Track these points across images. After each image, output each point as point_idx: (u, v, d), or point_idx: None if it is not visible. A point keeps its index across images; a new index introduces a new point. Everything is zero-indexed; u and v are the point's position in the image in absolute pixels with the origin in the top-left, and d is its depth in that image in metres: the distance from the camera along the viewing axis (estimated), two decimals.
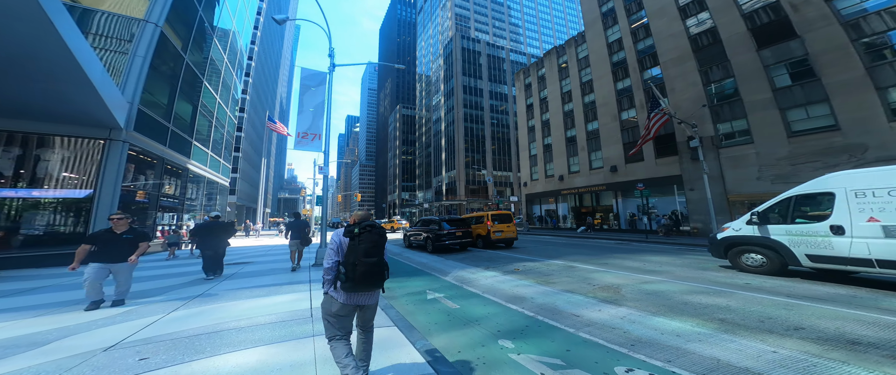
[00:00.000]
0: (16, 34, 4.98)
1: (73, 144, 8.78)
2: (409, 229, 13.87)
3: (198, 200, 16.62)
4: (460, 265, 8.07)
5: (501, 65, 60.08)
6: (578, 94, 23.58)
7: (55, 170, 8.53)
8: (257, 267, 7.77)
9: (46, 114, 7.77)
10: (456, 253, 10.62)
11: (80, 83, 6.47)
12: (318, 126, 9.08)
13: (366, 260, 1.92)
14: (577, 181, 22.65)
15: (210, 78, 16.06)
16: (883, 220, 4.29)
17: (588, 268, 7.05)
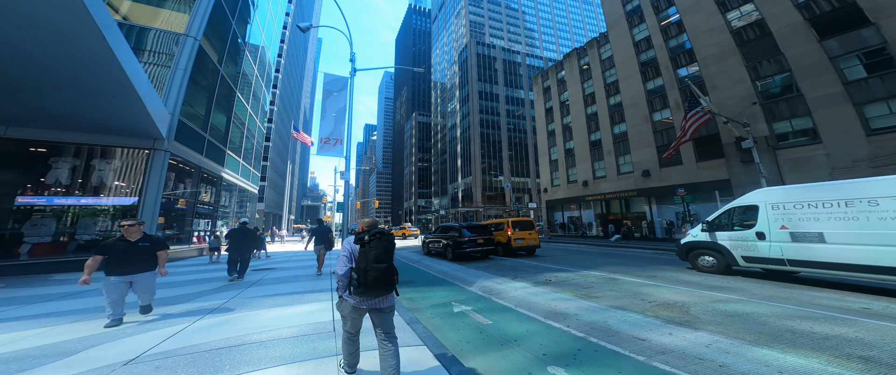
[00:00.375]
0: (72, 51, 5.31)
1: (122, 155, 9.38)
2: (427, 236, 13.60)
3: (230, 207, 17.40)
4: (484, 274, 7.65)
5: (517, 70, 59.51)
6: (603, 96, 22.61)
7: (107, 179, 9.12)
8: (281, 273, 7.77)
9: (97, 126, 8.35)
10: (477, 262, 10.21)
11: (128, 96, 6.86)
12: (340, 131, 9.12)
13: (376, 266, 2.01)
14: (604, 186, 21.48)
15: (242, 89, 16.95)
16: (790, 228, 5.55)
17: (633, 281, 6.35)
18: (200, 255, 12.91)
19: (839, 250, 5.00)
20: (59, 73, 5.87)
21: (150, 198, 9.23)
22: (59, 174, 8.57)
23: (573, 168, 24.53)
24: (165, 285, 6.26)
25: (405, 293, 5.81)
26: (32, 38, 4.85)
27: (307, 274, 7.50)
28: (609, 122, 21.77)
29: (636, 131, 19.65)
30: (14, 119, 7.60)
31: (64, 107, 7.04)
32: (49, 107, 6.95)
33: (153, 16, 10.61)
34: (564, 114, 26.40)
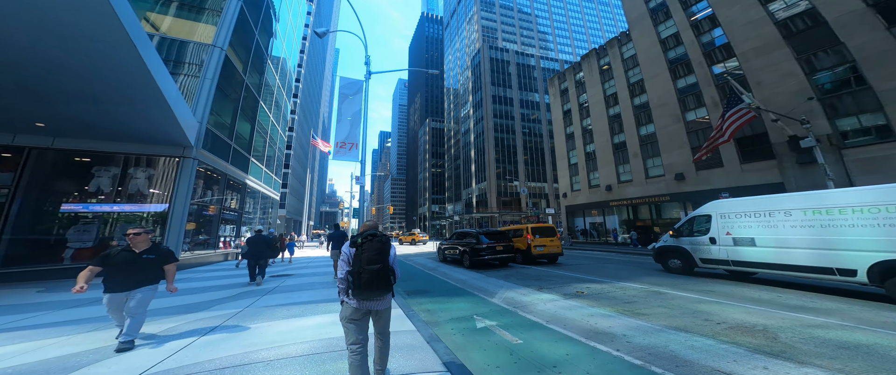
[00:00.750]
0: (107, 62, 5.49)
1: (155, 163, 9.78)
2: (443, 242, 13.24)
3: (254, 213, 17.92)
4: (506, 283, 7.18)
5: (531, 73, 58.72)
6: (626, 97, 21.52)
7: (142, 187, 9.51)
8: (297, 280, 7.67)
9: (132, 136, 8.75)
10: (495, 270, 9.71)
11: (158, 104, 7.09)
12: (355, 135, 9.04)
13: (369, 268, 2.03)
14: (630, 191, 20.21)
15: (265, 98, 17.58)
16: (733, 234, 6.78)
17: (685, 296, 5.59)
18: (226, 260, 13.24)
19: (765, 252, 6.22)
20: (96, 84, 6.12)
21: (179, 205, 9.52)
22: (100, 182, 9.03)
23: (595, 172, 23.38)
24: (187, 292, 6.27)
25: (422, 304, 5.45)
26: (73, 51, 5.05)
27: (323, 280, 7.35)
28: (634, 124, 20.59)
29: (666, 132, 18.40)
30: (61, 130, 8.09)
31: (101, 117, 7.39)
32: (88, 117, 7.32)
33: (183, 28, 11.19)
34: (584, 117, 25.38)
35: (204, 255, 11.58)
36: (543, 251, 10.77)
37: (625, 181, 20.77)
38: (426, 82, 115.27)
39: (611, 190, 21.38)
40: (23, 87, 6.00)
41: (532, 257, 10.79)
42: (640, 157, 19.80)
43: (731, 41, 15.27)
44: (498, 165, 50.09)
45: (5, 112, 6.87)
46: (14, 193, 7.65)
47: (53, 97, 6.44)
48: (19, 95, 6.28)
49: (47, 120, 7.43)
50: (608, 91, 23.33)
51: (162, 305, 5.03)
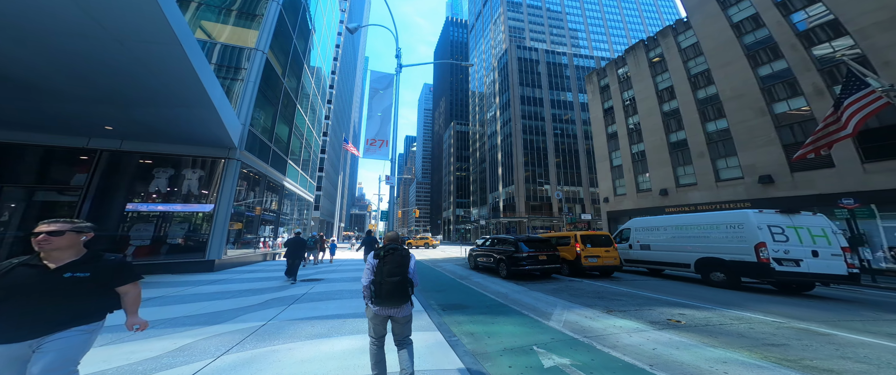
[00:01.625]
0: (161, 65, 5.51)
1: (203, 164, 10.02)
2: (475, 249, 12.26)
3: (291, 215, 18.35)
4: (559, 301, 6.09)
5: (563, 72, 55.91)
6: (687, 90, 18.93)
7: (193, 188, 9.77)
8: (327, 285, 7.24)
9: (183, 138, 9.01)
10: (537, 282, 8.60)
11: (205, 105, 7.13)
12: (386, 131, 8.49)
13: (389, 280, 2.22)
14: (694, 196, 17.57)
15: (302, 102, 18.02)
16: (641, 241, 10.22)
17: (858, 340, 4.01)
18: (265, 260, 13.44)
19: (656, 254, 9.70)
20: (154, 85, 6.18)
21: (223, 205, 9.63)
22: (159, 183, 9.42)
23: (644, 174, 20.86)
24: (219, 296, 5.95)
25: (462, 324, 4.55)
26: (133, 58, 5.12)
27: (351, 288, 6.85)
28: (699, 119, 17.93)
29: (744, 127, 15.63)
30: (127, 133, 8.51)
31: (158, 119, 7.60)
32: (147, 119, 7.56)
33: (225, 33, 11.58)
34: (630, 114, 22.94)
35: (245, 255, 11.73)
36: (597, 262, 9.35)
37: (686, 184, 18.13)
38: (451, 86, 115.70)
39: (667, 194, 18.81)
40: (96, 94, 6.34)
41: (582, 269, 9.44)
42: (707, 157, 17.12)
43: (841, 17, 12.49)
44: (527, 168, 47.93)
45: (81, 118, 7.28)
46: (86, 193, 8.10)
47: (119, 101, 6.68)
48: (94, 102, 6.65)
49: (114, 123, 7.78)
50: (661, 85, 20.80)
51: (185, 312, 4.67)
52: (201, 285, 6.89)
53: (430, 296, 6.55)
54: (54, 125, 7.63)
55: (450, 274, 10.38)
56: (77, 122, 7.53)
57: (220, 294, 5.99)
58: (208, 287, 6.72)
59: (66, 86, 5.94)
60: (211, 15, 11.72)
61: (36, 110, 6.90)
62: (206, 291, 6.22)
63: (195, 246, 9.41)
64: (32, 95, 6.32)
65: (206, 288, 6.47)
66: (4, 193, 7.46)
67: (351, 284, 7.43)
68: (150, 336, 3.62)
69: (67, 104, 6.72)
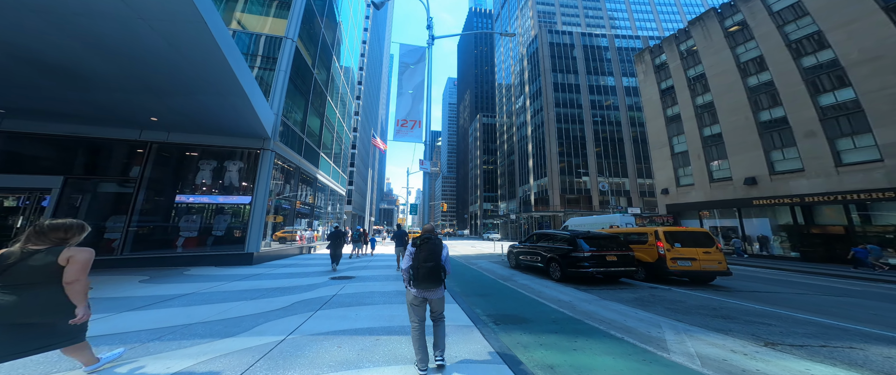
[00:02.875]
0: (189, 49, 5.17)
1: (243, 156, 9.87)
2: (516, 245, 10.90)
3: (325, 208, 18.40)
4: (662, 319, 4.57)
5: (603, 55, 50.96)
6: (786, 58, 15.25)
7: (234, 180, 9.65)
8: (359, 285, 6.49)
9: (221, 129, 8.85)
10: (604, 288, 7.08)
11: (237, 94, 6.74)
12: (418, 111, 7.36)
13: (425, 265, 2.56)
14: (800, 185, 14.08)
15: (332, 93, 17.78)
16: None
17: None
18: (300, 253, 13.37)
19: None
20: (187, 72, 5.86)
21: (260, 197, 9.39)
22: (204, 175, 9.42)
23: (720, 161, 17.47)
24: (244, 296, 5.39)
25: (531, 350, 3.35)
26: (161, 38, 4.82)
27: (384, 289, 5.99)
28: (805, 91, 14.26)
29: (884, 96, 11.85)
30: (173, 125, 8.49)
31: (195, 108, 7.38)
32: (185, 107, 7.41)
33: (256, 22, 11.31)
34: (698, 92, 19.40)
35: (283, 249, 11.60)
36: (690, 266, 7.44)
37: (787, 171, 14.61)
38: (476, 79, 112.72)
39: (755, 183, 15.47)
40: (133, 83, 6.20)
41: (665, 274, 7.58)
42: (821, 137, 13.54)
43: None
44: (561, 159, 44.56)
45: (127, 108, 7.28)
46: (140, 184, 8.21)
47: (156, 89, 6.52)
48: (134, 92, 6.57)
49: (158, 114, 7.70)
50: (744, 56, 17.12)
51: (204, 316, 4.04)
52: (235, 281, 6.49)
53: (474, 303, 5.45)
54: (107, 116, 7.75)
55: (489, 273, 9.19)
56: (125, 113, 7.57)
57: (249, 292, 5.46)
58: (241, 283, 6.27)
59: (103, 69, 5.72)
60: (239, 4, 11.56)
61: (85, 101, 6.95)
62: (237, 288, 5.74)
63: (237, 239, 9.30)
64: (78, 84, 6.27)
65: (238, 285, 6.01)
66: (69, 185, 7.71)
67: (384, 284, 6.61)
68: (149, 353, 2.91)
69: (111, 93, 6.66)
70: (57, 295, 1.91)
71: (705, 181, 17.96)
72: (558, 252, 7.98)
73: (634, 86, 48.79)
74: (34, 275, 1.86)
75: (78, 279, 1.93)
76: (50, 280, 1.90)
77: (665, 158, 21.06)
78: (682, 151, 19.84)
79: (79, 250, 2.00)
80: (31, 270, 1.86)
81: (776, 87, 15.25)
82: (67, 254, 1.94)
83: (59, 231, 2.04)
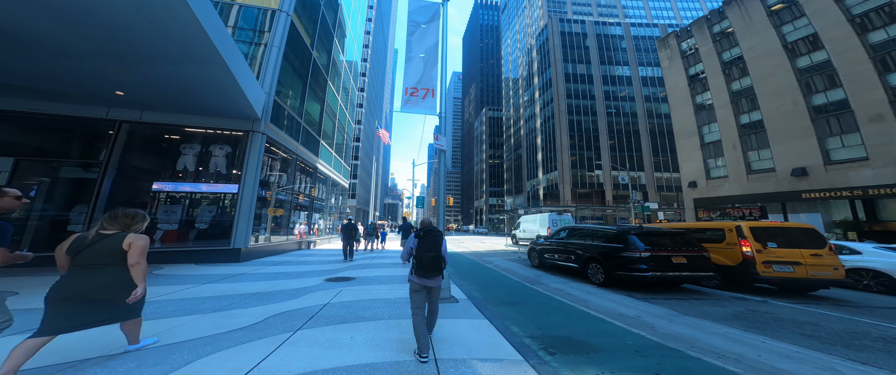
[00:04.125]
0: (153, 14, 4.01)
1: (230, 141, 8.77)
2: (540, 241, 9.65)
3: (326, 201, 17.32)
4: (832, 359, 3.15)
5: (618, 44, 48.62)
6: (847, 33, 13.32)
7: (220, 166, 8.56)
8: (358, 290, 5.33)
9: (202, 108, 7.76)
10: (660, 295, 5.75)
11: (215, 64, 5.68)
12: (431, 78, 6.05)
13: (427, 255, 2.70)
14: (864, 175, 12.31)
15: (333, 79, 16.56)
16: (527, 230, 21.21)
17: None
18: (299, 248, 12.35)
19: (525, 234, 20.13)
20: (152, 35, 4.78)
21: (248, 185, 8.32)
22: (186, 161, 8.37)
23: (760, 150, 15.76)
24: (213, 302, 4.36)
25: None
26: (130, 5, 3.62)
27: (390, 296, 4.86)
28: (874, 71, 12.37)
29: None
30: (145, 102, 7.41)
31: (168, 81, 6.38)
32: (156, 81, 6.32)
33: None
34: (734, 77, 17.57)
35: (277, 243, 10.55)
36: (793, 273, 5.78)
37: (846, 160, 12.85)
38: (481, 72, 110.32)
39: (805, 174, 13.78)
40: (90, 47, 5.06)
41: (749, 280, 6.04)
42: (891, 121, 11.75)
43: None
44: (573, 152, 42.78)
45: (87, 78, 6.17)
46: (105, 169, 7.15)
47: (118, 56, 5.40)
48: (93, 59, 5.44)
49: (124, 87, 6.60)
50: (792, 35, 15.23)
51: (154, 329, 3.06)
52: (208, 283, 5.42)
53: (506, 316, 4.22)
54: (64, 91, 6.68)
55: (510, 274, 7.96)
56: (83, 85, 6.48)
57: (216, 301, 4.34)
58: (213, 286, 5.19)
59: (49, 31, 4.59)
60: None
61: (40, 71, 5.86)
62: (203, 294, 4.63)
63: (222, 232, 8.26)
64: (32, 52, 5.16)
65: (207, 290, 4.91)
66: (22, 169, 6.69)
67: (390, 288, 5.46)
68: None
69: (67, 60, 5.54)
70: (120, 275, 2.25)
71: (742, 173, 16.28)
72: (601, 250, 6.65)
73: (651, 75, 46.43)
74: (105, 257, 2.21)
75: (139, 262, 2.27)
76: (115, 261, 2.23)
77: (693, 149, 19.34)
78: (714, 141, 18.12)
79: (137, 237, 2.33)
80: (103, 252, 2.21)
81: (834, 67, 13.41)
82: (129, 240, 2.27)
83: (127, 217, 2.41)
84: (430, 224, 2.97)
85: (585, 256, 7.02)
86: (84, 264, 2.13)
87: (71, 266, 2.13)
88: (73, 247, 2.15)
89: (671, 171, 42.37)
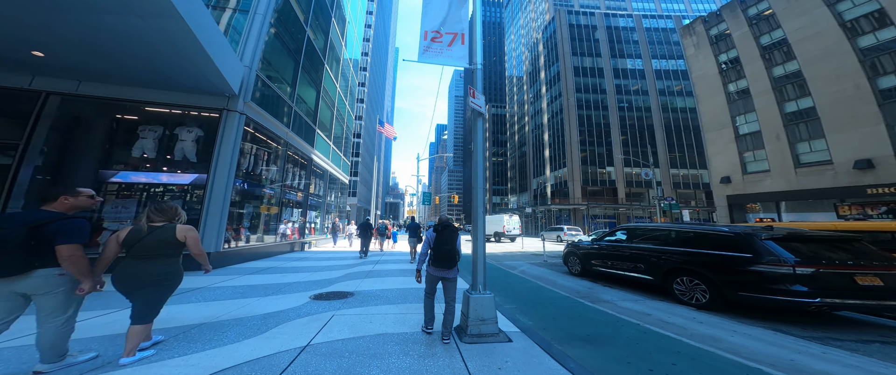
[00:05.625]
0: None
1: (201, 123, 7.21)
2: (581, 244, 7.85)
3: (324, 197, 15.74)
4: None
5: (629, 37, 46.84)
6: None
7: (189, 152, 7.04)
8: (355, 314, 3.84)
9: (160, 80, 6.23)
10: (820, 330, 3.90)
11: (168, 15, 4.21)
12: (459, 19, 4.28)
13: (443, 248, 2.95)
14: None
15: (331, 64, 14.98)
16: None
17: None
18: (292, 250, 10.83)
19: None
20: None
21: (220, 175, 6.80)
22: (144, 145, 6.83)
23: (812, 140, 14.01)
24: (112, 342, 2.74)
25: None
26: None
27: (401, 329, 3.26)
28: None
29: None
30: (82, 70, 5.88)
31: (105, 40, 4.85)
32: (87, 39, 4.85)
33: None
34: (776, 62, 15.81)
35: (260, 246, 9.03)
36: None
37: None
38: (484, 69, 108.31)
39: (872, 166, 12.05)
40: None
41: None
42: None
43: None
44: (583, 148, 41.04)
45: None
46: (23, 153, 5.61)
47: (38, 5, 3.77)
48: None
49: (43, 46, 5.04)
50: (851, 12, 13.42)
51: None
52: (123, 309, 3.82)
53: (589, 360, 2.71)
54: None
55: (550, 286, 6.35)
56: None
57: (116, 341, 2.74)
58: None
59: None
60: None
61: None
62: (107, 330, 3.04)
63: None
64: None
65: (123, 319, 3.31)
66: None
67: (401, 312, 3.90)
68: None
69: None
70: (172, 265, 2.43)
71: (788, 166, 14.55)
72: (703, 260, 4.83)
73: (666, 68, 44.56)
74: (159, 248, 2.35)
75: (201, 250, 2.53)
76: (170, 252, 2.40)
77: (726, 141, 17.61)
78: (752, 132, 16.39)
79: (188, 228, 2.50)
80: (158, 243, 2.34)
81: None
82: (183, 232, 2.44)
83: (172, 210, 2.57)
84: (448, 220, 3.22)
85: (668, 266, 5.28)
86: (141, 255, 2.27)
87: (127, 256, 2.27)
88: (129, 239, 2.29)
89: (688, 168, 40.51)
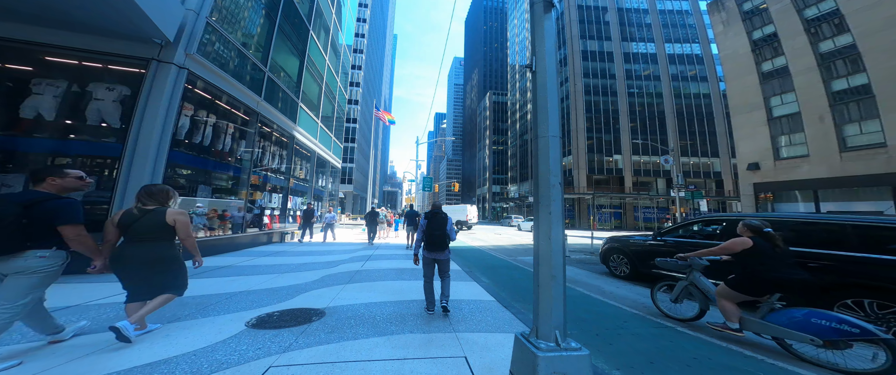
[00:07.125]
0: None
1: (124, 77, 5.53)
2: (633, 239, 6.09)
3: (311, 182, 14.11)
4: None
5: (642, 20, 44.25)
6: None
7: (111, 115, 5.39)
8: (323, 354, 2.32)
9: (55, 13, 4.41)
10: None
11: None
12: None
13: (435, 233, 3.29)
14: None
15: (318, 33, 13.04)
16: None
17: None
18: (270, 242, 9.34)
19: None
20: None
21: (146, 141, 5.19)
22: (40, 104, 5.15)
23: (863, 122, 12.39)
24: None
25: None
26: None
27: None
28: None
29: None
30: None
31: None
32: None
33: None
34: (825, 36, 13.94)
35: (220, 239, 7.54)
36: None
37: None
38: (484, 57, 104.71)
39: None
40: None
41: None
42: None
43: None
44: (589, 135, 39.29)
45: None
46: None
47: None
48: None
49: None
50: None
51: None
52: None
53: None
54: None
55: (604, 296, 4.79)
56: None
57: None
58: None
59: None
60: None
61: None
62: None
63: (101, 222, 5.12)
64: None
65: None
66: None
67: (384, 339, 2.44)
68: None
69: None
70: (167, 249, 2.42)
71: (833, 149, 12.97)
72: (857, 267, 2.83)
73: (680, 53, 42.22)
74: (153, 231, 2.33)
75: (189, 235, 2.46)
76: (163, 235, 2.38)
77: (757, 125, 15.96)
78: (789, 114, 14.71)
79: (179, 212, 2.46)
80: (151, 226, 2.33)
81: None
82: (173, 217, 2.40)
83: (163, 194, 2.51)
84: (438, 207, 3.48)
85: (827, 282, 3.16)
86: (135, 237, 2.28)
87: (125, 240, 2.30)
88: (123, 221, 2.28)
89: (699, 156, 38.93)
